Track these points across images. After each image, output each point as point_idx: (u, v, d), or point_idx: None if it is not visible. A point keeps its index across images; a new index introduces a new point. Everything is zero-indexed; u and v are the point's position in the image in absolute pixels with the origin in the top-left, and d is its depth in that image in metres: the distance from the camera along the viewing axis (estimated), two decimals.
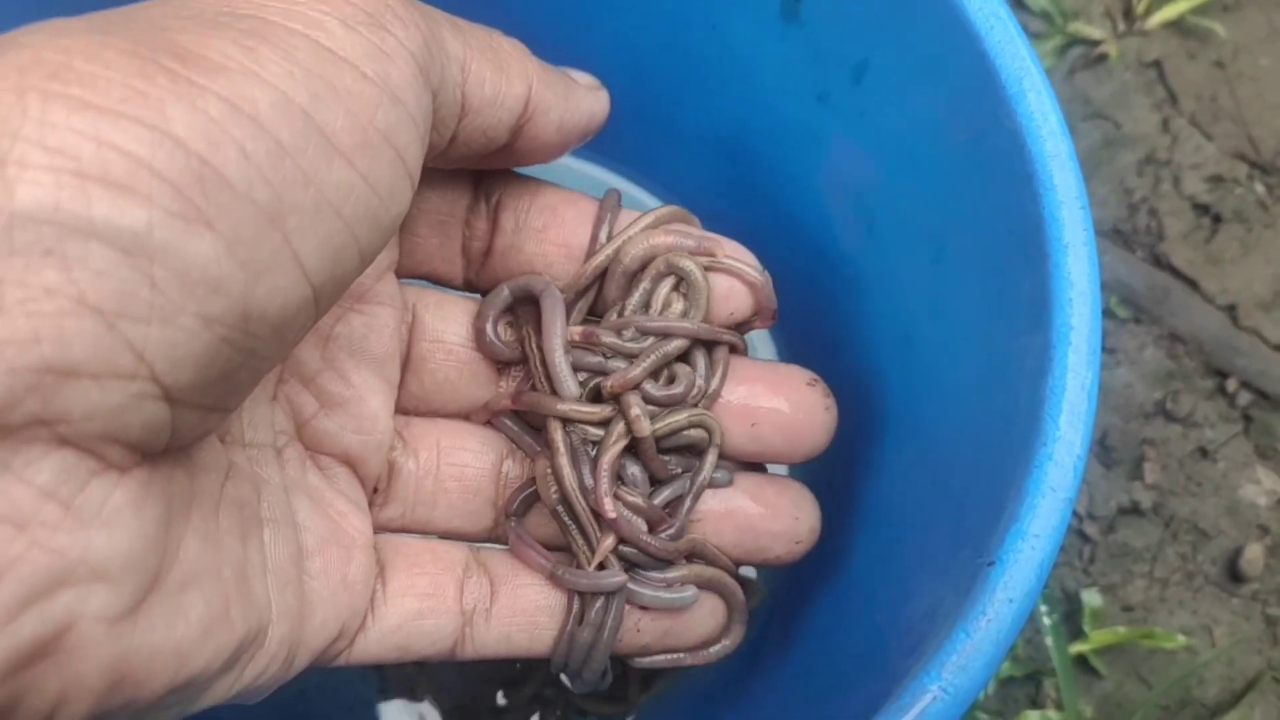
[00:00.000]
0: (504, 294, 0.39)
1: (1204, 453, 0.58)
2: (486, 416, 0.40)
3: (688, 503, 0.38)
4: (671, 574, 0.38)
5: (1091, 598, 0.56)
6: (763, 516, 0.40)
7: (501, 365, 0.40)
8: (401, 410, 0.40)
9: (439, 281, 0.41)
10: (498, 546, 0.39)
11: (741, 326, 0.40)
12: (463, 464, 0.39)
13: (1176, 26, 0.64)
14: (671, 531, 0.38)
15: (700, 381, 0.39)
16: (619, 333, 0.38)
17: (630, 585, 0.37)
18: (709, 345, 0.39)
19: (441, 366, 0.40)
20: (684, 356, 0.39)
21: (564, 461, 0.37)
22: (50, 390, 0.22)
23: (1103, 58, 0.64)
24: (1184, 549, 0.57)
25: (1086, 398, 0.33)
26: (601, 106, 0.38)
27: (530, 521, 0.39)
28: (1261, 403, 0.59)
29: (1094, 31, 0.64)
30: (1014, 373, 0.35)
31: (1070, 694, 0.53)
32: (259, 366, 0.27)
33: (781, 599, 0.48)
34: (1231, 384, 0.59)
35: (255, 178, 0.24)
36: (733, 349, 0.40)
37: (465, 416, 0.41)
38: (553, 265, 0.39)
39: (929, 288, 0.41)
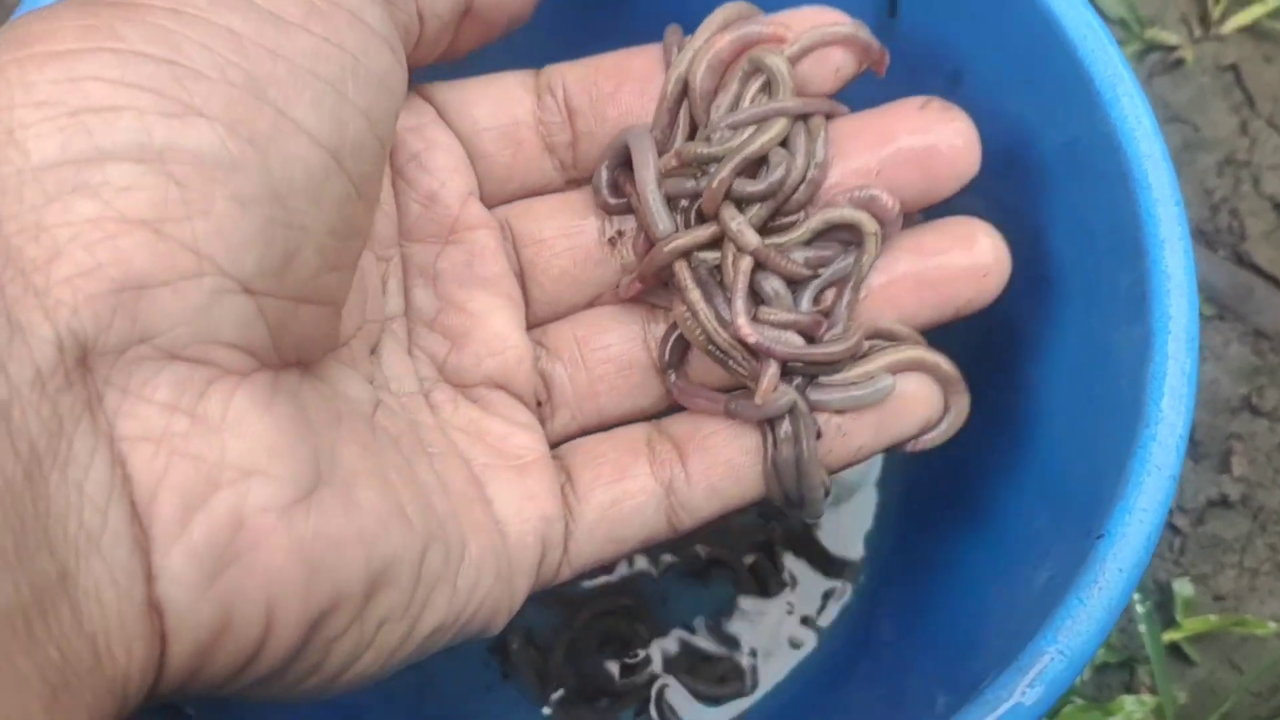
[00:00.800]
0: (601, 168, 0.38)
1: None
2: (625, 295, 0.38)
3: (846, 296, 0.36)
4: (855, 370, 0.36)
5: (1183, 587, 0.57)
6: (932, 266, 0.37)
7: (610, 239, 0.39)
8: (539, 321, 0.39)
9: (540, 193, 0.40)
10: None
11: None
12: (606, 345, 0.39)
13: (1252, 31, 0.66)
14: (835, 331, 0.36)
15: (800, 160, 0.36)
16: (708, 140, 0.36)
17: (816, 395, 0.36)
18: (805, 119, 0.37)
19: (552, 264, 0.39)
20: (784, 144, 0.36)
21: (695, 297, 0.36)
22: (130, 307, 0.23)
23: (1180, 62, 0.65)
24: (1273, 539, 0.59)
25: (1187, 382, 0.35)
26: None
27: (693, 368, 0.38)
28: None
29: (1170, 37, 0.65)
30: (1114, 361, 0.37)
31: (1164, 680, 0.55)
32: (324, 244, 0.27)
33: (889, 587, 0.50)
34: None
35: (223, 63, 0.25)
36: (830, 115, 0.37)
37: (595, 302, 0.40)
38: (644, 119, 0.38)
39: (1028, 284, 0.43)
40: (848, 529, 0.55)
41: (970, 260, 0.36)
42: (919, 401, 0.37)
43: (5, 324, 0.22)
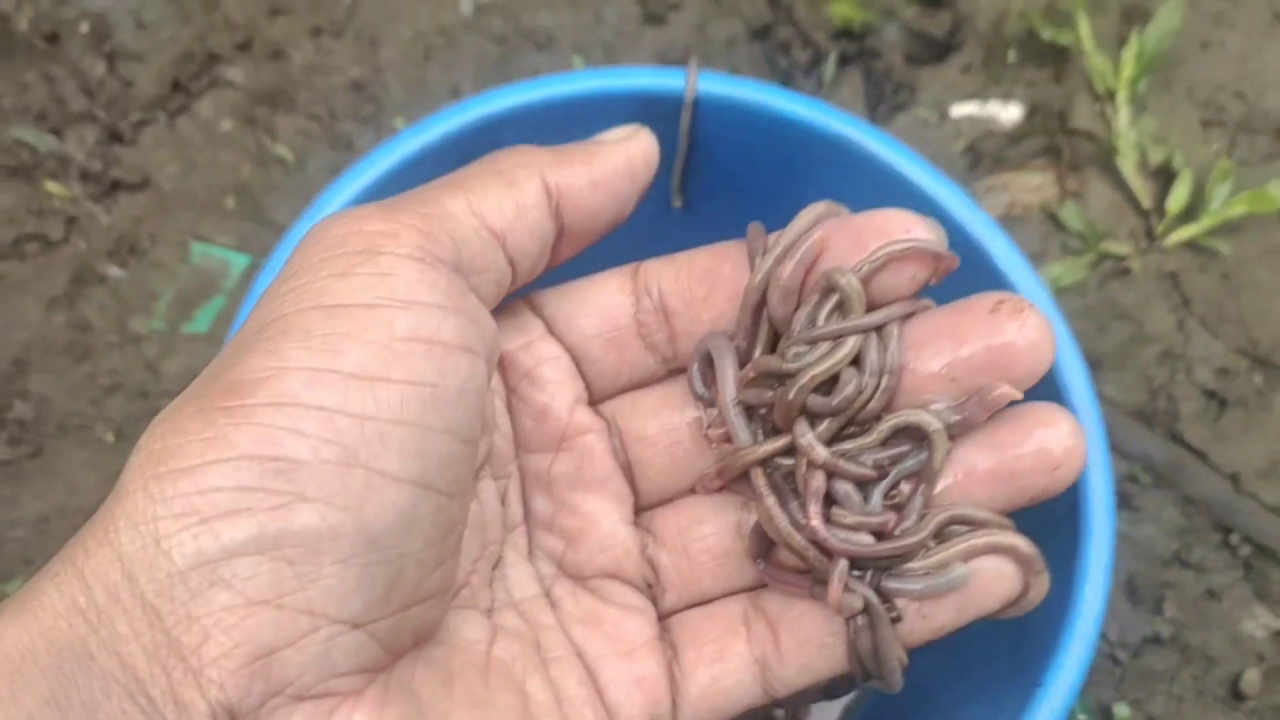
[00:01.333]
0: (694, 365, 0.41)
1: (1212, 594, 0.73)
2: (705, 491, 0.41)
3: (919, 492, 0.37)
4: (932, 559, 0.37)
5: (1121, 710, 0.69)
6: (1007, 459, 0.37)
7: (705, 433, 0.41)
8: (647, 506, 0.42)
9: (642, 385, 0.43)
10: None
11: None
12: (704, 535, 0.41)
13: (1190, 245, 0.80)
14: (907, 525, 0.37)
15: (869, 377, 0.37)
16: (783, 356, 0.38)
17: (892, 584, 0.37)
18: (878, 330, 0.38)
19: (657, 459, 0.42)
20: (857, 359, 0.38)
21: (770, 503, 0.38)
22: (264, 672, 0.28)
23: (1128, 270, 0.79)
24: (1196, 672, 0.71)
25: (1103, 588, 0.47)
26: (639, 147, 0.41)
27: (782, 554, 0.40)
28: (1259, 554, 0.73)
29: (1121, 249, 0.80)
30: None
31: None
32: (423, 559, 0.32)
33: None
34: (1234, 538, 0.73)
35: (318, 444, 0.30)
36: (908, 316, 0.38)
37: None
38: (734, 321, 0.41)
39: None
40: None
41: (1043, 456, 0.37)
42: (1000, 580, 0.37)
43: (173, 704, 0.28)
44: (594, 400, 0.43)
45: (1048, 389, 0.49)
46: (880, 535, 0.37)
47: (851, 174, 0.53)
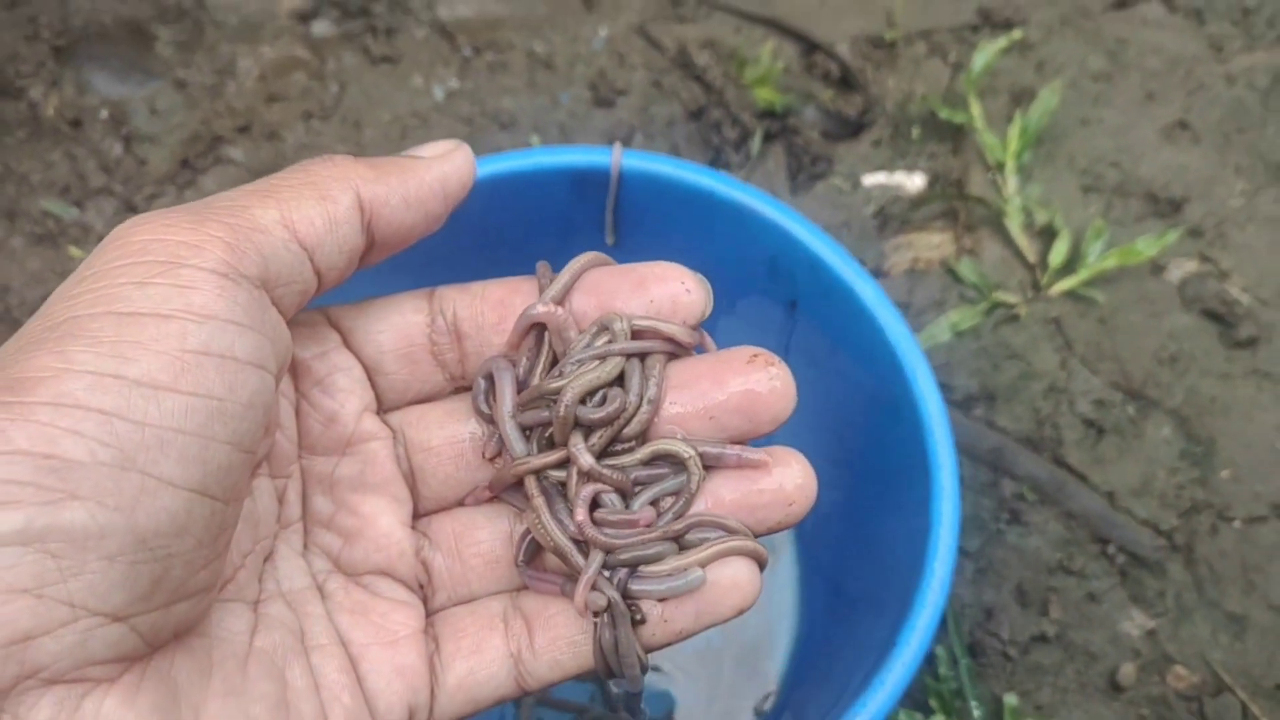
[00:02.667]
0: (479, 382, 0.44)
1: (1092, 597, 0.82)
2: (475, 501, 0.45)
3: (677, 505, 0.42)
4: (672, 564, 0.41)
5: (1011, 700, 0.79)
6: (746, 491, 0.42)
7: (483, 447, 0.44)
8: (426, 512, 0.45)
9: (430, 399, 0.46)
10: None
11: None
12: (478, 541, 0.44)
13: (1070, 294, 0.91)
14: (663, 522, 0.41)
15: (633, 397, 0.42)
16: (559, 374, 0.42)
17: (637, 585, 0.41)
18: (642, 359, 0.43)
19: (439, 469, 0.45)
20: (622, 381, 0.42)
21: (539, 504, 0.41)
22: (19, 656, 0.29)
23: (1017, 316, 0.91)
24: (1079, 666, 0.81)
25: (949, 556, 0.58)
26: (454, 167, 0.42)
27: (547, 559, 0.44)
28: (1134, 562, 0.83)
29: (1011, 298, 0.91)
30: (909, 538, 0.60)
31: None
32: (192, 559, 0.32)
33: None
34: (1112, 549, 0.83)
35: (95, 446, 0.30)
36: (673, 355, 0.43)
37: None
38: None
39: (866, 476, 0.66)
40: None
41: (782, 496, 0.42)
42: (735, 591, 0.41)
43: None
44: (383, 410, 0.45)
45: (909, 408, 0.60)
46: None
47: (735, 224, 0.65)
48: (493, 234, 0.68)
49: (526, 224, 0.68)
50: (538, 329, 0.44)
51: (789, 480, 0.43)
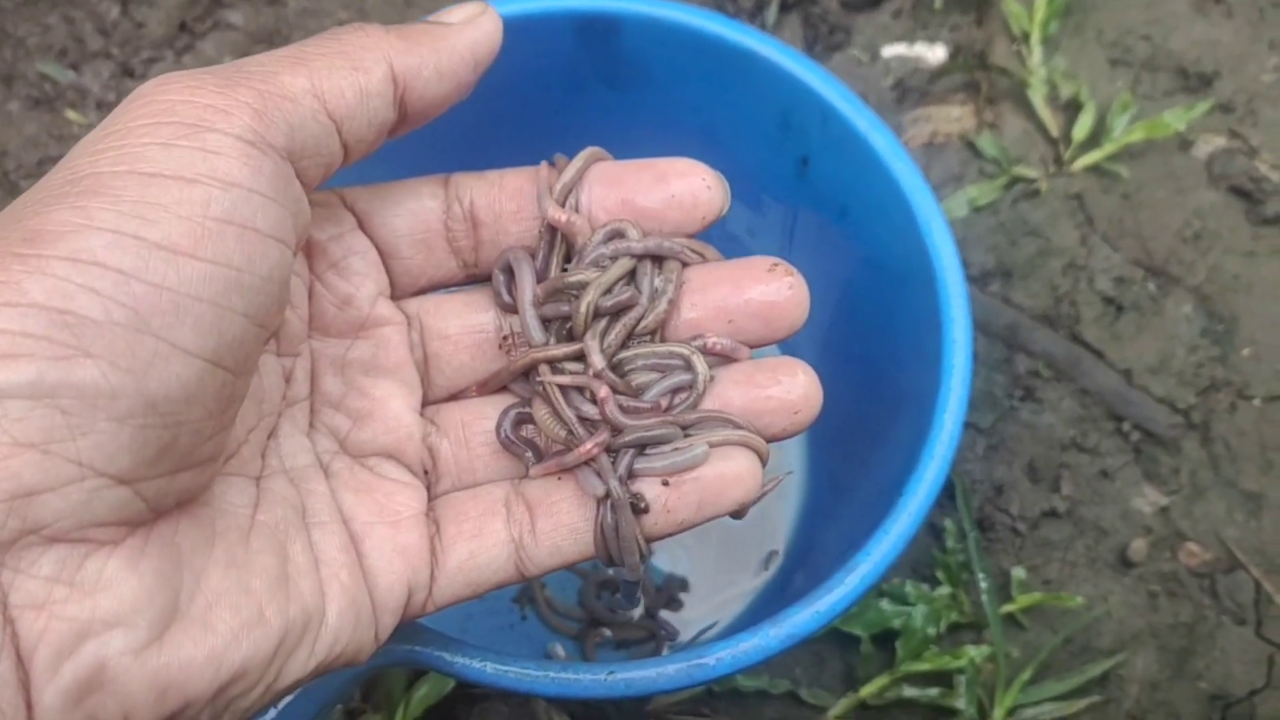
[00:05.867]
0: (498, 275, 0.44)
1: (1105, 474, 0.81)
2: (481, 393, 0.45)
3: (688, 398, 0.42)
4: (679, 442, 0.42)
5: (1019, 573, 0.78)
6: (754, 396, 0.43)
7: (502, 339, 0.45)
8: (437, 400, 0.45)
9: (443, 286, 0.46)
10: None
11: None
12: (486, 430, 0.44)
13: (1094, 169, 0.89)
14: (677, 410, 0.42)
15: (650, 292, 0.43)
16: (575, 271, 0.43)
17: (642, 463, 0.41)
18: (659, 261, 0.44)
19: (454, 357, 0.45)
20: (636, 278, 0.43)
21: (552, 382, 0.42)
22: (22, 510, 0.28)
23: (1037, 192, 0.88)
24: (1089, 541, 0.80)
25: (959, 408, 0.56)
26: (484, 32, 0.41)
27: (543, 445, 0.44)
28: (1148, 439, 0.82)
29: (1031, 172, 0.88)
30: (921, 387, 0.59)
31: (1000, 638, 0.75)
32: (200, 428, 0.32)
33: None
34: (1126, 426, 0.82)
35: (111, 306, 0.29)
36: (687, 262, 0.44)
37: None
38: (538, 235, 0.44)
39: (888, 326, 0.65)
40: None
41: (787, 403, 0.43)
42: (738, 484, 0.42)
43: None
44: (396, 295, 0.45)
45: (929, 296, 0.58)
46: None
47: (746, 73, 0.63)
48: (495, 91, 0.66)
49: (529, 77, 0.66)
50: (549, 233, 0.45)
51: (795, 389, 0.43)
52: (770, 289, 0.43)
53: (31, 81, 0.89)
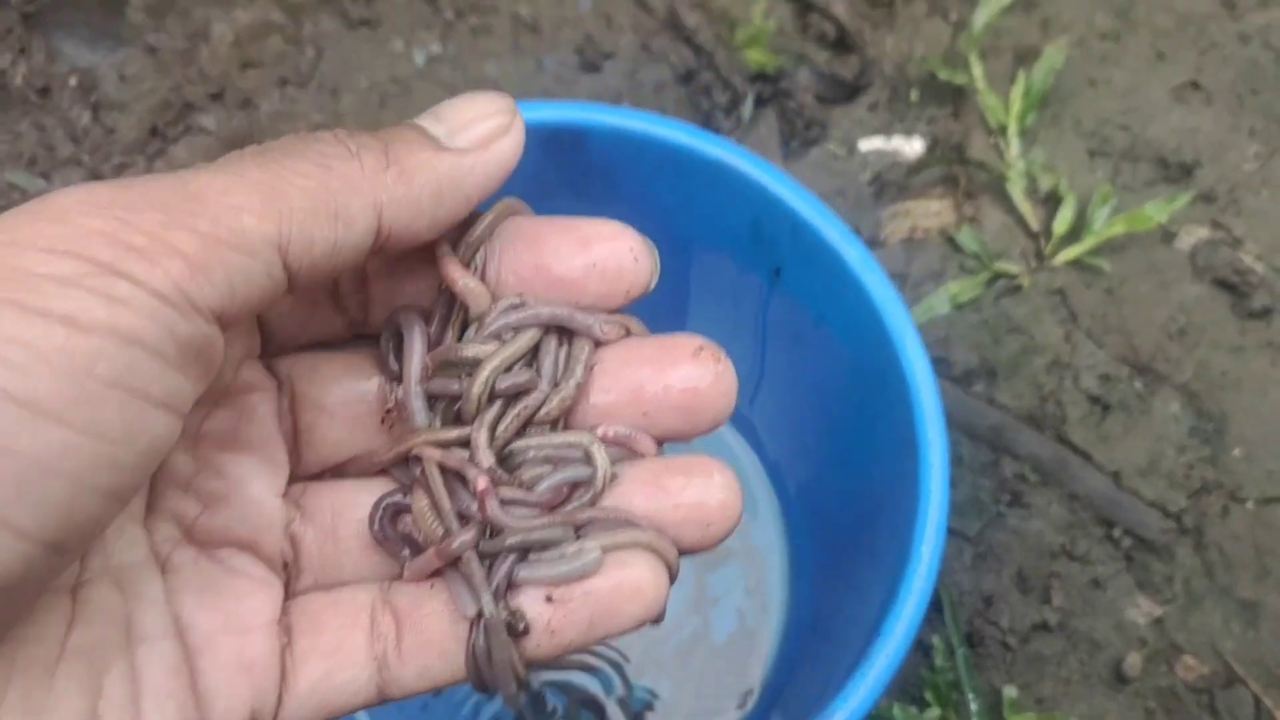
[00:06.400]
0: (385, 337, 0.39)
1: (1096, 583, 0.78)
2: (360, 472, 0.40)
3: (585, 496, 0.37)
4: (569, 546, 0.36)
5: (1010, 691, 0.75)
6: (662, 506, 0.37)
7: (385, 412, 0.39)
8: (305, 477, 0.39)
9: (324, 343, 0.40)
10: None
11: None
12: (359, 519, 0.38)
13: (1076, 263, 0.87)
14: (568, 509, 0.37)
15: (543, 381, 0.38)
16: (469, 344, 0.38)
17: (526, 571, 0.36)
18: (568, 336, 0.39)
19: (329, 431, 0.39)
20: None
21: (434, 473, 0.37)
22: None
23: (1019, 287, 0.87)
24: (1082, 656, 0.77)
25: (936, 533, 0.54)
26: (499, 162, 0.35)
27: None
28: (1140, 546, 0.79)
29: (1013, 267, 0.87)
30: (897, 499, 0.56)
31: None
32: (13, 604, 0.28)
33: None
34: (1117, 532, 0.80)
35: None
36: (600, 340, 0.38)
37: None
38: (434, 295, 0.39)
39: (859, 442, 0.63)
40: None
41: (700, 515, 0.37)
42: (637, 597, 0.36)
43: None
44: (267, 353, 0.39)
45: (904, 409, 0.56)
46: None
47: (716, 184, 0.62)
48: None
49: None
50: (447, 296, 0.40)
51: (710, 496, 0.37)
52: (694, 374, 0.38)
53: (1, 191, 0.88)
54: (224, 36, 0.94)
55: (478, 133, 0.36)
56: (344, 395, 0.39)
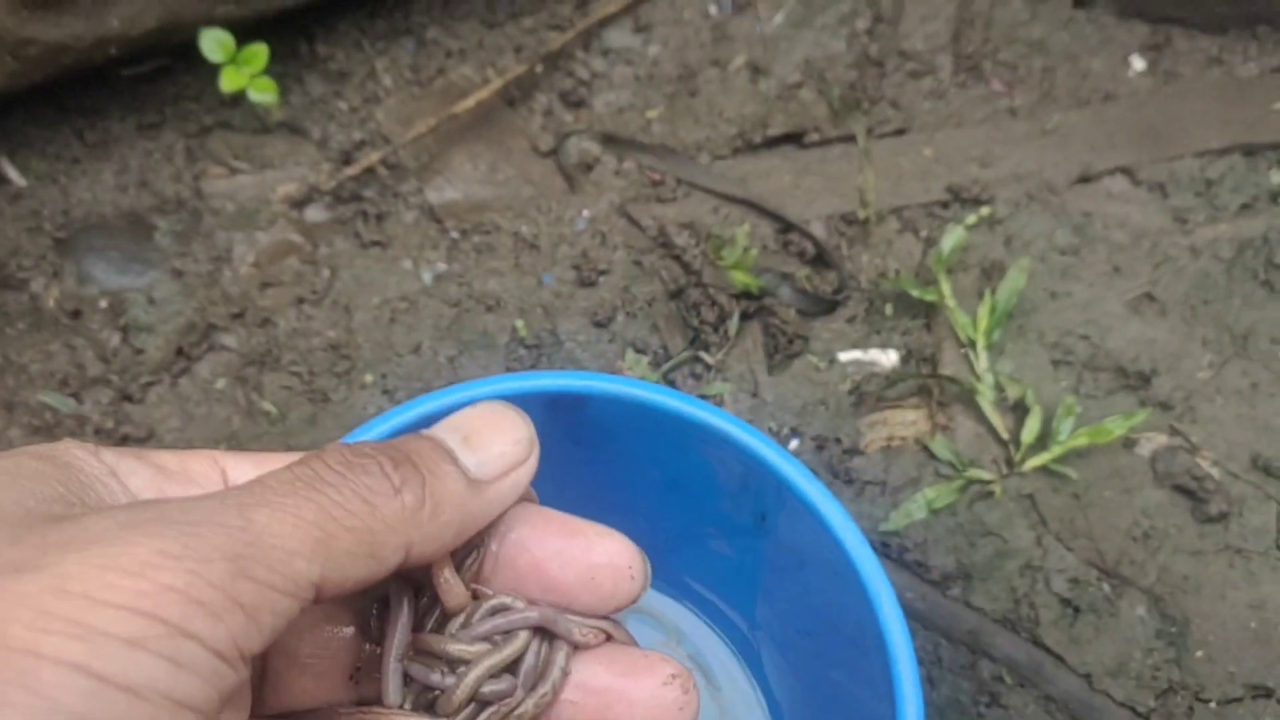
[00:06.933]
0: (372, 604, 0.40)
1: None
2: None
3: None
4: None
5: None
6: None
7: (355, 669, 0.39)
8: (263, 717, 0.38)
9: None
10: None
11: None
12: None
13: (1044, 470, 0.93)
14: None
15: (519, 692, 0.38)
16: (453, 638, 0.38)
17: None
18: (548, 638, 0.39)
19: (297, 679, 0.38)
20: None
21: None
22: None
23: (991, 493, 0.93)
24: None
25: None
26: (512, 490, 0.36)
27: None
28: None
29: (985, 474, 0.93)
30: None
31: None
32: None
33: None
34: None
35: None
36: (578, 645, 0.39)
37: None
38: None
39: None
40: None
41: None
42: None
43: None
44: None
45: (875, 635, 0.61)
46: None
47: (706, 442, 0.68)
48: None
49: None
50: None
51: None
52: (661, 698, 0.38)
53: (33, 409, 0.94)
54: (245, 258, 1.01)
55: (501, 464, 0.38)
56: (317, 647, 0.38)
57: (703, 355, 0.97)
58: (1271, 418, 0.95)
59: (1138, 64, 1.11)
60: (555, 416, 0.70)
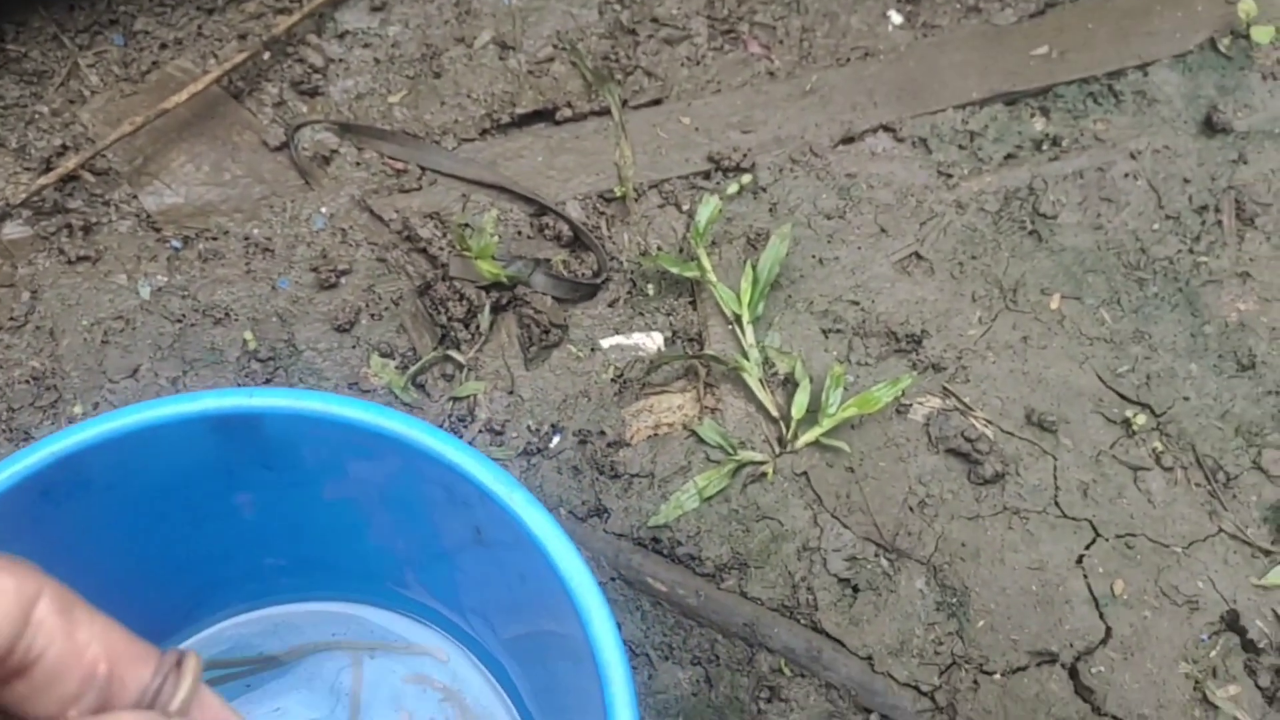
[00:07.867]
0: None
1: None
2: None
3: None
4: None
5: None
6: None
7: None
8: None
9: None
10: None
11: None
12: None
13: (817, 445, 0.89)
14: None
15: None
16: None
17: None
18: None
19: None
20: None
21: None
22: None
23: (764, 474, 0.88)
24: None
25: None
26: None
27: None
28: None
29: (757, 455, 0.88)
30: None
31: None
32: None
33: None
34: (874, 717, 0.80)
35: None
36: None
37: None
38: None
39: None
40: None
41: None
42: None
43: None
44: None
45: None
46: None
47: (396, 452, 0.61)
48: (152, 495, 0.62)
49: (180, 476, 0.62)
50: None
51: None
52: None
53: None
54: None
55: None
56: None
57: (453, 354, 0.90)
58: (1043, 370, 0.93)
59: (895, 17, 1.07)
60: (231, 441, 0.62)
